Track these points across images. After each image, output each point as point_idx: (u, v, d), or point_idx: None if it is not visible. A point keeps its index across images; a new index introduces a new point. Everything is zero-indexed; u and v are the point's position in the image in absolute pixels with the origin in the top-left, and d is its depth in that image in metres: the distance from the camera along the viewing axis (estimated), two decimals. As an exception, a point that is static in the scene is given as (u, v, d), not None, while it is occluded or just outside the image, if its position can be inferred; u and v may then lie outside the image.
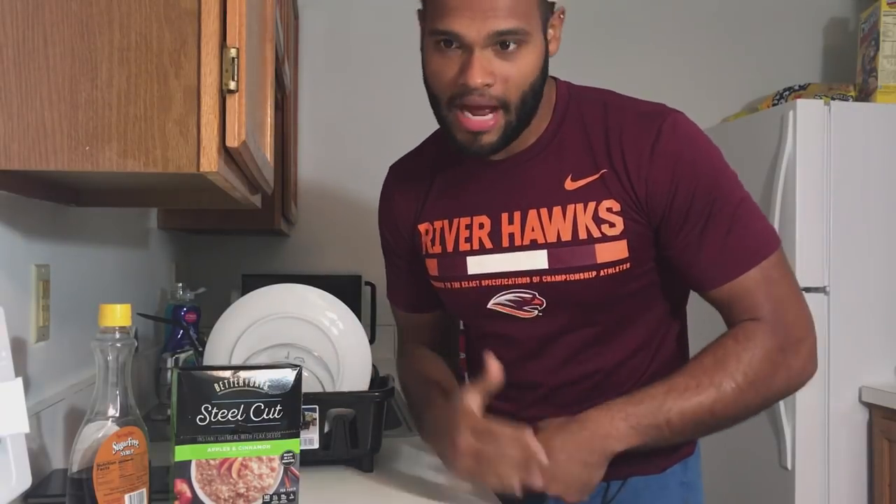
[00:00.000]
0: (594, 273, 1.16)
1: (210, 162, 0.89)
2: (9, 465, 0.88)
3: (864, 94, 2.87)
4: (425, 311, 1.42)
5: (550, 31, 1.15)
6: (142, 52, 0.89)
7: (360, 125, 3.08)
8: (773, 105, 2.93)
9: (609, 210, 1.15)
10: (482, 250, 1.23)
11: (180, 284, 2.19)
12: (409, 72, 3.07)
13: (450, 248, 1.27)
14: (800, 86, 3.00)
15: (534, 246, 1.19)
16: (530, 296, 1.19)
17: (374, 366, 1.49)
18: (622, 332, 1.23)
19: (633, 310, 1.22)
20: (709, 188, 1.14)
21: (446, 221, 1.28)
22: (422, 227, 1.32)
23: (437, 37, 1.10)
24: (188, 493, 1.00)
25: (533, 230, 1.19)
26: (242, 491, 1.03)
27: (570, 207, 1.16)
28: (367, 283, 2.88)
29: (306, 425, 1.29)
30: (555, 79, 1.24)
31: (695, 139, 1.17)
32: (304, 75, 3.05)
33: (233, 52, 0.90)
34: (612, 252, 1.15)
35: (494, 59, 1.09)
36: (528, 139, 1.20)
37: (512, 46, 1.08)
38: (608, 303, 1.19)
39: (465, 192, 1.26)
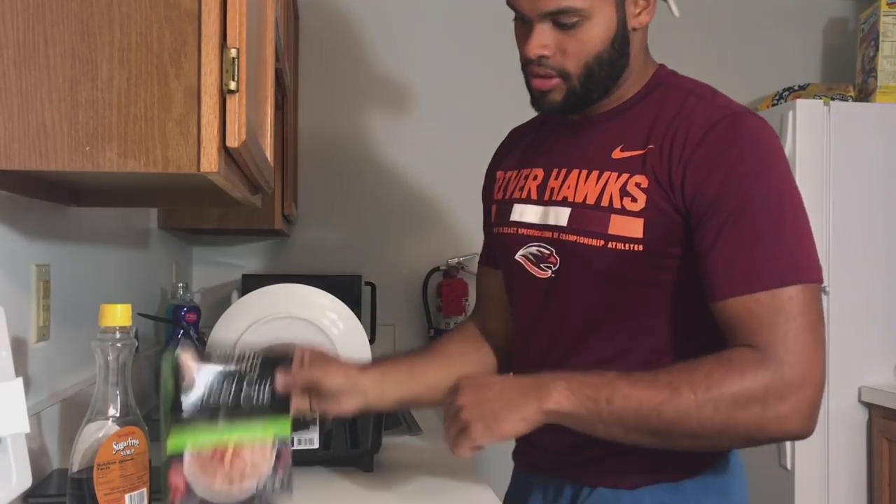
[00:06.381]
0: (602, 242, 1.15)
1: (210, 162, 0.89)
2: (9, 465, 0.88)
3: (864, 95, 2.87)
4: (494, 266, 1.40)
5: (638, 2, 1.18)
6: (142, 53, 0.89)
7: (360, 125, 3.07)
8: (773, 105, 2.93)
9: (637, 185, 1.14)
10: (527, 200, 1.27)
11: (180, 284, 2.19)
12: (408, 71, 3.09)
13: (507, 195, 1.31)
14: (799, 86, 3.00)
15: (563, 203, 1.20)
16: (548, 252, 1.21)
17: (374, 366, 1.48)
18: (628, 328, 1.18)
19: (644, 306, 1.17)
20: (746, 193, 1.08)
21: (515, 172, 1.33)
22: (499, 174, 1.37)
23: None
24: (182, 484, 1.00)
25: (568, 188, 1.21)
26: (235, 479, 1.02)
27: (606, 174, 1.17)
28: (367, 283, 2.87)
29: (306, 425, 1.30)
30: (662, 65, 1.28)
31: (755, 143, 1.11)
32: (304, 75, 3.05)
33: (233, 52, 0.90)
34: (626, 227, 1.13)
35: (553, 32, 1.14)
36: (607, 105, 1.22)
37: (573, 20, 1.13)
38: (616, 282, 1.16)
39: (541, 147, 1.31)
